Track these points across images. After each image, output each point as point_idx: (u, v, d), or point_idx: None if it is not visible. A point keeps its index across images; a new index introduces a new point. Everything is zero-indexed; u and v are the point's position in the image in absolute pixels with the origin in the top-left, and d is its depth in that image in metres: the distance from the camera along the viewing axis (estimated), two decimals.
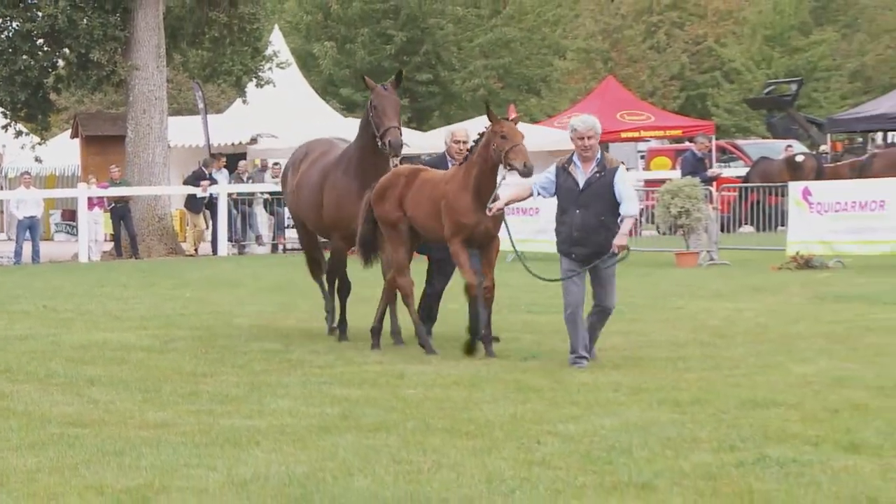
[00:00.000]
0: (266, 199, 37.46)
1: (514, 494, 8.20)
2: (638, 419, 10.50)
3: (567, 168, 13.51)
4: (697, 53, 63.80)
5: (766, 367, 13.07)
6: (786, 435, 9.76)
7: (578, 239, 13.30)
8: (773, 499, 7.96)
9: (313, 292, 22.82)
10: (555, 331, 16.10)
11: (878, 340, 14.93)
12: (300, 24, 53.97)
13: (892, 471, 8.57)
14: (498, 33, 52.51)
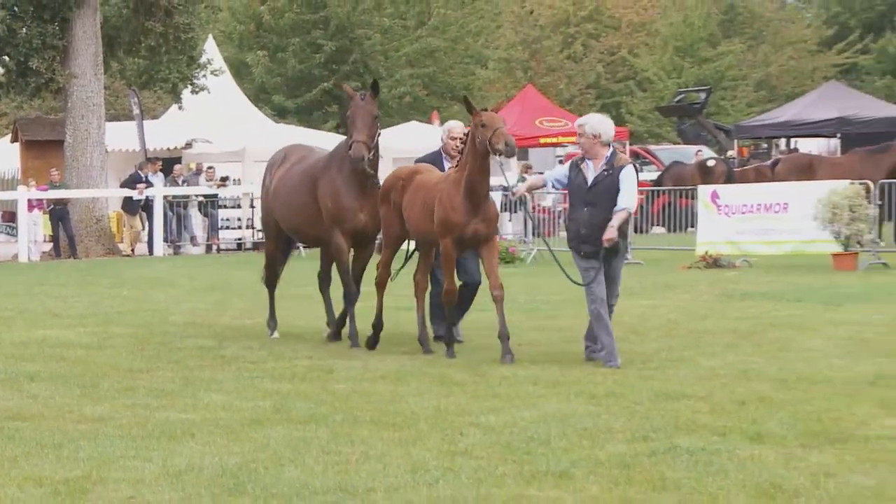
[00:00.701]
0: (200, 202, 37.29)
1: (438, 483, 8.19)
2: (556, 411, 10.53)
3: (579, 165, 13.21)
4: (612, 63, 64.12)
5: (676, 362, 13.14)
6: (695, 425, 9.82)
7: (586, 236, 12.95)
8: (684, 486, 8.00)
9: (247, 291, 22.82)
10: (476, 326, 16.12)
11: (782, 336, 15.05)
12: (233, 34, 53.75)
13: (795, 459, 8.64)
14: (423, 43, 52.51)
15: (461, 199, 13.48)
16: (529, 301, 19.68)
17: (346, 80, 51.28)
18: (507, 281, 14.65)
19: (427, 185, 14.04)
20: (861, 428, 9.61)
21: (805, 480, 8.07)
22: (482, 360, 13.55)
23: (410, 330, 16.29)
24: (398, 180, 14.39)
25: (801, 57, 65.25)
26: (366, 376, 12.61)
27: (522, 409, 10.67)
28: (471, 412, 10.56)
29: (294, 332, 16.36)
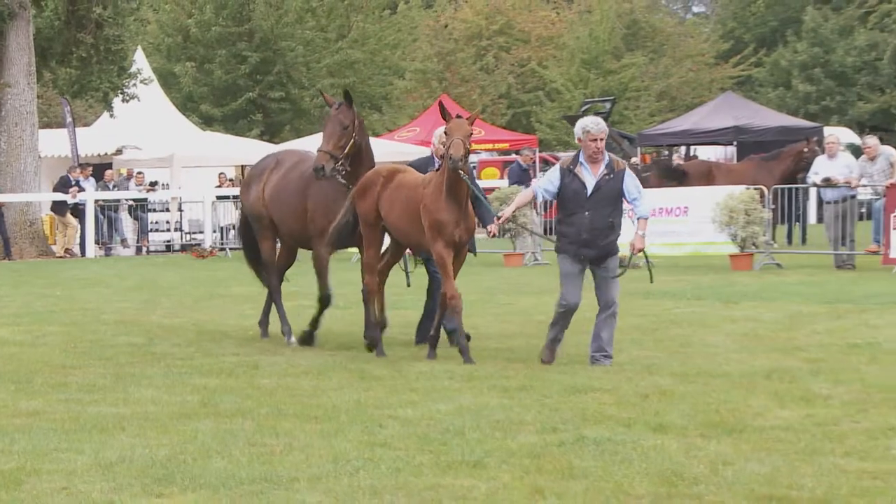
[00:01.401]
0: (130, 206, 37.01)
1: (359, 473, 8.18)
2: (470, 404, 10.54)
3: (573, 170, 12.44)
4: (522, 75, 64.28)
5: (584, 357, 13.18)
6: (602, 417, 9.86)
7: (587, 241, 12.31)
8: (591, 474, 8.03)
9: (174, 291, 22.67)
10: (396, 324, 16.10)
11: (682, 332, 15.16)
12: (162, 46, 53.41)
13: (695, 448, 8.70)
14: (343, 55, 52.45)
15: (444, 201, 12.85)
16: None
17: (270, 89, 51.19)
18: (424, 281, 14.64)
19: (409, 186, 13.40)
20: (756, 419, 9.69)
21: (704, 468, 8.13)
22: (401, 356, 13.55)
23: (336, 328, 16.25)
24: (378, 177, 13.69)
25: (700, 69, 65.79)
26: (290, 372, 12.57)
27: (438, 402, 10.68)
28: (389, 405, 10.55)
29: (221, 329, 16.28)
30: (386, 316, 14.25)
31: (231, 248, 34.96)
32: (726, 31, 72.40)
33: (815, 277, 21.97)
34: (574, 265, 12.46)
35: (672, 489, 7.66)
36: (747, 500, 7.36)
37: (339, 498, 7.58)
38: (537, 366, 12.57)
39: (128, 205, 37.02)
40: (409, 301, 16.53)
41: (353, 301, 19.47)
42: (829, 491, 7.52)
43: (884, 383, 10.96)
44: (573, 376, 11.82)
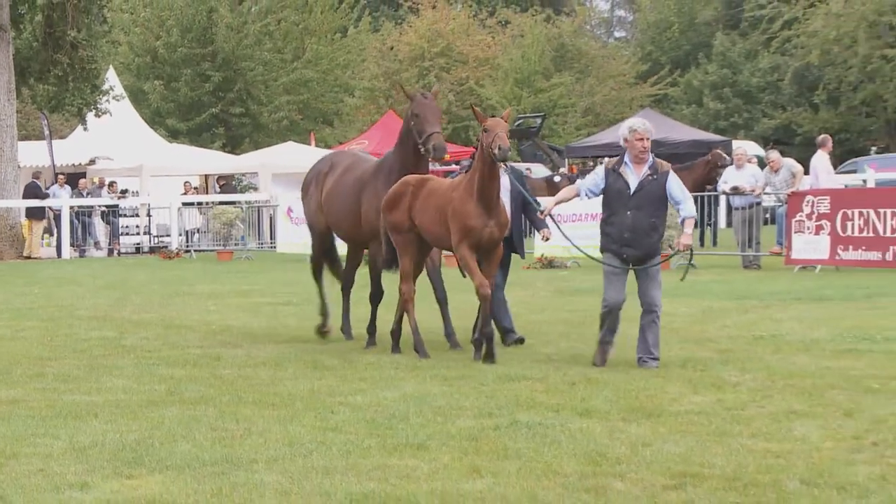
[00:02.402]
0: (103, 211, 36.76)
1: (312, 455, 8.16)
2: (414, 391, 10.53)
3: (617, 170, 11.65)
4: (461, 93, 64.34)
5: (517, 348, 13.20)
6: (533, 403, 9.87)
7: (630, 240, 11.56)
8: (523, 455, 8.03)
9: (143, 289, 22.52)
10: (356, 319, 16.06)
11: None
12: (132, 65, 53.00)
13: (618, 431, 8.72)
14: (298, 74, 52.27)
15: (474, 204, 12.10)
16: (391, 296, 19.61)
17: (232, 105, 50.96)
18: (383, 281, 14.61)
19: (438, 192, 12.62)
20: (672, 404, 9.73)
21: (626, 449, 8.15)
22: (351, 348, 13.53)
23: (290, 322, 16.20)
24: (407, 187, 12.84)
25: (621, 88, 66.11)
26: (249, 363, 12.51)
27: (385, 389, 10.66)
28: (341, 393, 10.53)
29: (186, 324, 16.18)
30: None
31: (196, 249, 34.82)
32: (645, 54, 72.78)
33: (724, 276, 22.10)
34: (615, 268, 11.73)
35: (597, 468, 7.68)
36: (664, 478, 7.39)
37: (293, 478, 7.55)
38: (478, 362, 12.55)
39: (100, 210, 36.76)
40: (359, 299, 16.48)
41: (305, 298, 19.43)
42: (737, 469, 7.56)
43: (786, 371, 11.04)
44: (507, 366, 11.82)
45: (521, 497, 7.04)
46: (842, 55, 57.20)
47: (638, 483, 7.30)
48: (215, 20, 50.78)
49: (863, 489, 7.03)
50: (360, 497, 7.09)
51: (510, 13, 70.26)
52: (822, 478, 7.28)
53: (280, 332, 15.04)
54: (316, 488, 7.31)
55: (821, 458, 7.80)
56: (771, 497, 6.94)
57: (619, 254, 11.65)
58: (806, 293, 18.45)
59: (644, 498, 6.98)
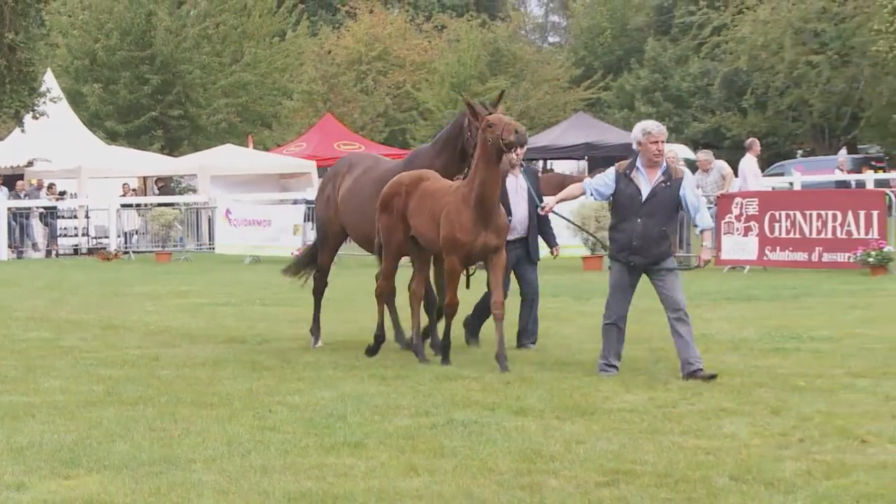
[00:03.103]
0: (41, 213, 36.39)
1: (250, 454, 8.12)
2: (352, 391, 10.51)
3: (629, 174, 10.87)
4: (398, 96, 64.36)
5: (454, 348, 13.14)
6: (469, 402, 9.88)
7: (638, 248, 10.80)
8: (460, 453, 8.04)
9: (81, 290, 22.32)
10: (284, 319, 16.04)
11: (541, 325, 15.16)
12: (70, 68, 52.43)
13: (552, 429, 8.75)
14: (237, 78, 51.95)
15: (470, 212, 11.32)
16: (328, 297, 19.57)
17: (170, 108, 50.60)
18: (310, 282, 14.57)
19: (434, 195, 11.81)
20: (606, 402, 9.77)
21: (560, 447, 8.18)
22: (289, 348, 13.47)
23: (229, 323, 16.11)
24: (401, 187, 12.10)
25: (555, 92, 66.31)
26: (187, 363, 12.43)
27: (323, 389, 10.63)
28: (279, 393, 10.49)
29: (125, 325, 16.05)
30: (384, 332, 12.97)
31: (134, 251, 34.56)
32: (578, 59, 73.04)
33: None
34: (624, 276, 11.00)
35: (531, 465, 7.69)
36: (597, 475, 7.42)
37: (231, 477, 7.51)
38: (411, 356, 12.54)
39: (38, 212, 36.39)
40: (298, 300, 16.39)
41: (243, 299, 19.39)
42: (668, 465, 7.61)
43: (715, 369, 11.10)
44: (443, 366, 11.82)
45: (457, 494, 7.04)
46: (769, 61, 57.75)
47: (572, 480, 7.32)
48: (154, 23, 50.41)
49: (790, 485, 7.10)
50: (298, 496, 7.06)
51: (446, 18, 70.40)
52: (751, 474, 7.34)
53: (218, 333, 14.95)
54: (254, 487, 7.27)
55: (749, 454, 7.86)
56: (701, 493, 6.99)
57: (627, 262, 10.93)
58: (735, 293, 18.60)
59: (578, 495, 7.00)
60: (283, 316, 16.71)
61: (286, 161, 43.27)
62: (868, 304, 16.61)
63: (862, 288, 18.69)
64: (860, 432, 8.40)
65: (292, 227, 30.25)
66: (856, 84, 57.39)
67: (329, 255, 14.40)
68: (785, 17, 56.75)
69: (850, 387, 10.18)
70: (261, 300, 19.24)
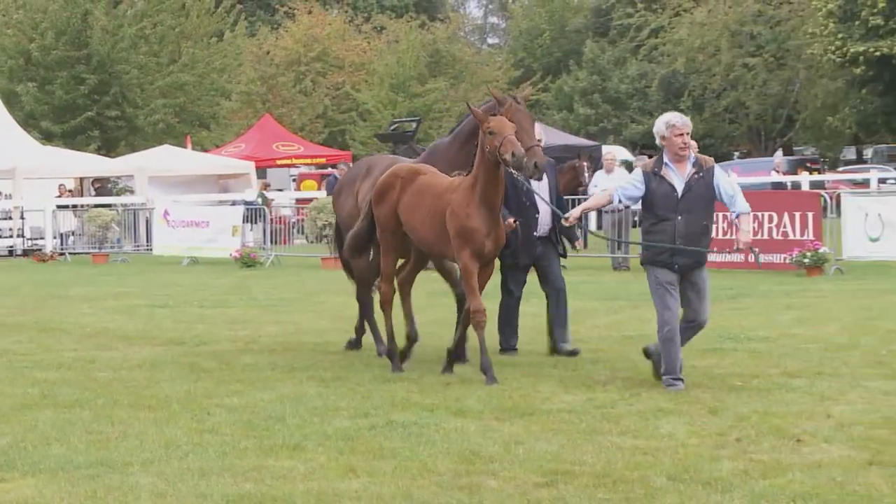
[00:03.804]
0: None
1: (188, 457, 8.07)
2: (290, 393, 10.47)
3: (658, 172, 10.23)
4: (337, 97, 64.23)
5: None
6: (409, 403, 9.87)
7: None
8: (399, 454, 8.03)
9: (15, 292, 22.07)
10: (223, 321, 15.96)
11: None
12: (4, 68, 51.98)
13: (491, 430, 8.76)
14: (175, 78, 51.61)
15: (477, 209, 10.67)
16: (267, 298, 19.56)
17: (107, 108, 50.20)
18: (248, 282, 14.51)
19: (433, 191, 11.12)
20: (544, 403, 9.79)
21: (499, 447, 8.19)
22: (228, 350, 13.39)
23: (167, 325, 16.00)
24: (396, 179, 11.37)
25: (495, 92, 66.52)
26: (125, 365, 12.34)
27: (262, 391, 10.59)
28: (217, 395, 10.43)
29: (61, 327, 15.90)
30: (416, 328, 12.03)
31: (70, 252, 34.27)
32: (517, 60, 73.31)
33: (594, 277, 22.31)
34: (665, 278, 10.22)
35: (470, 466, 7.70)
36: (536, 475, 7.43)
37: (169, 480, 7.46)
38: (351, 358, 12.53)
39: None
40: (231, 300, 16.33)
41: (181, 300, 19.27)
42: (606, 465, 7.64)
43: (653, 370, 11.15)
44: (382, 368, 11.82)
45: (396, 495, 7.03)
46: (706, 63, 58.29)
47: (511, 481, 7.33)
48: (90, 23, 49.98)
49: (726, 484, 7.15)
50: (237, 498, 7.03)
51: (385, 19, 70.41)
52: (688, 473, 7.38)
53: (156, 335, 14.85)
54: (192, 490, 7.23)
55: (686, 454, 7.91)
56: (639, 493, 7.02)
57: (670, 264, 10.19)
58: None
59: (517, 496, 7.02)
60: (221, 318, 16.63)
61: (225, 162, 43.09)
62: (804, 304, 16.77)
63: (798, 289, 18.87)
64: (796, 431, 8.48)
65: (231, 228, 30.14)
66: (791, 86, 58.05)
67: (365, 260, 13.21)
68: (721, 19, 57.29)
69: (785, 386, 10.26)
70: (199, 302, 19.12)
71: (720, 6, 57.50)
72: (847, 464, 7.57)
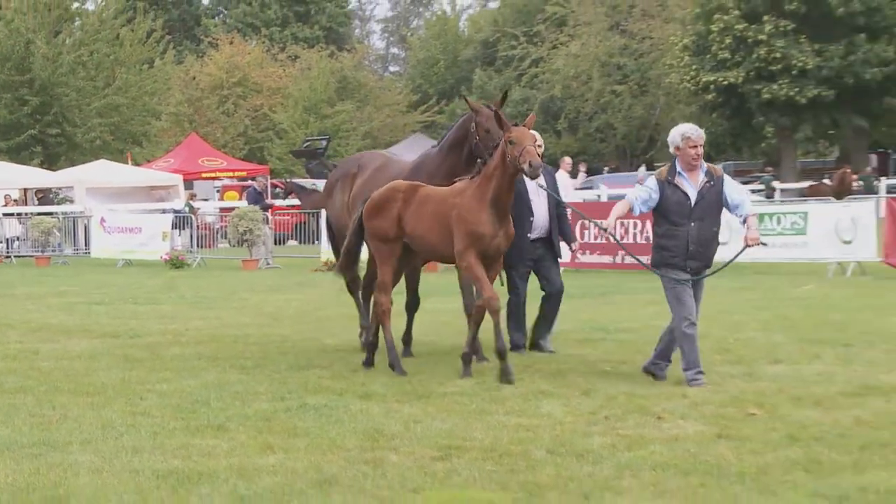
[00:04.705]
0: None
1: (123, 437, 7.97)
2: (215, 379, 10.38)
3: (672, 181, 9.67)
4: (256, 118, 63.83)
5: (306, 340, 13.14)
6: (320, 388, 9.84)
7: (694, 252, 9.63)
8: (311, 433, 8.00)
9: None
10: (154, 316, 15.78)
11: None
12: None
13: (393, 411, 8.76)
14: (110, 100, 50.79)
15: (486, 211, 10.05)
16: (193, 296, 19.36)
17: (48, 127, 49.33)
18: (177, 282, 14.35)
19: (436, 199, 10.48)
20: (440, 387, 9.81)
21: (400, 426, 8.19)
22: (158, 342, 13.23)
23: (103, 320, 15.77)
24: (397, 192, 10.66)
25: (395, 115, 66.57)
26: (65, 356, 12.14)
27: (189, 378, 10.48)
28: (149, 382, 10.31)
29: (7, 322, 15.59)
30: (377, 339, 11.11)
31: (16, 255, 33.64)
32: (415, 86, 73.44)
33: None
34: (681, 276, 9.73)
35: (375, 443, 7.70)
36: (432, 450, 7.45)
37: (105, 457, 7.37)
38: (269, 348, 12.44)
39: None
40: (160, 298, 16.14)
41: (116, 297, 19.01)
42: (493, 441, 7.68)
43: (534, 357, 11.24)
44: (297, 356, 11.77)
45: (309, 469, 7.01)
46: (579, 90, 58.81)
47: (410, 455, 7.34)
48: (32, 51, 49.09)
49: (597, 456, 7.22)
50: (166, 473, 6.95)
51: (299, 49, 70.12)
52: (564, 447, 7.45)
53: (94, 329, 14.63)
54: (125, 466, 7.14)
55: (563, 430, 7.98)
56: (521, 465, 7.07)
57: (684, 267, 9.67)
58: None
59: (415, 468, 7.03)
60: (152, 313, 16.43)
61: (155, 175, 42.61)
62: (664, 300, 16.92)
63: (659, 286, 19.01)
64: (656, 410, 8.59)
65: (161, 233, 29.84)
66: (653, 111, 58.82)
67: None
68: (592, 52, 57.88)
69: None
70: (132, 299, 18.88)
71: (591, 40, 58.08)
72: (699, 438, 7.69)
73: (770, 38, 45.08)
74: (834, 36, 45.05)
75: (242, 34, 72.16)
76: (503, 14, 71.16)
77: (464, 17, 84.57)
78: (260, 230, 27.99)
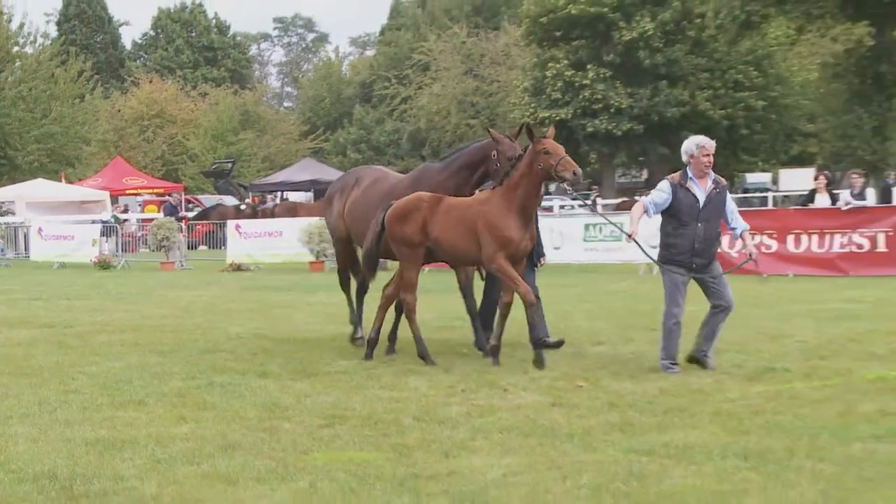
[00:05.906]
0: None
1: (56, 411, 7.73)
2: (137, 362, 10.13)
3: (684, 185, 9.09)
4: (172, 144, 62.85)
5: (214, 329, 12.91)
6: (225, 368, 9.68)
7: (700, 250, 9.03)
8: (217, 406, 7.87)
9: None
10: (84, 310, 15.34)
11: (280, 312, 15.07)
12: None
13: (286, 388, 8.66)
14: (46, 129, 49.27)
15: (514, 217, 9.35)
16: (118, 293, 18.87)
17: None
18: (104, 281, 13.96)
19: (461, 207, 9.66)
20: (326, 367, 9.75)
21: (293, 400, 8.12)
22: (88, 331, 12.85)
23: (41, 313, 15.26)
24: (421, 202, 9.79)
25: (289, 143, 66.26)
26: (7, 343, 11.71)
27: (114, 361, 10.21)
28: (80, 364, 10.01)
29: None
30: (378, 335, 10.28)
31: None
32: (306, 118, 73.09)
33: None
34: (679, 277, 9.12)
35: (271, 414, 7.61)
36: (319, 419, 7.40)
37: (41, 428, 7.13)
38: (181, 336, 12.19)
39: None
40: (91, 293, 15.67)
41: (52, 294, 18.43)
42: (370, 411, 7.66)
43: (406, 342, 11.23)
44: (204, 342, 11.56)
45: (216, 436, 6.89)
46: (440, 123, 59.12)
47: (301, 423, 7.27)
48: None
49: (455, 422, 7.25)
50: (94, 441, 6.76)
51: (208, 87, 69.41)
52: (428, 415, 7.46)
53: (32, 321, 14.13)
54: (59, 436, 6.92)
55: (427, 401, 7.99)
56: (393, 430, 7.06)
57: (689, 264, 9.08)
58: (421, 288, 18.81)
59: (305, 434, 6.97)
60: (83, 307, 15.96)
61: (86, 192, 41.53)
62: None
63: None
64: (503, 384, 8.66)
65: (91, 240, 29.16)
66: None
67: (342, 258, 11.88)
68: (451, 92, 58.27)
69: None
70: (66, 296, 18.32)
71: (450, 83, 58.46)
72: (537, 406, 7.78)
73: (593, 82, 45.99)
74: (643, 82, 46.19)
75: (160, 74, 70.95)
76: (378, 60, 71.25)
77: (346, 63, 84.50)
78: (175, 237, 27.54)
